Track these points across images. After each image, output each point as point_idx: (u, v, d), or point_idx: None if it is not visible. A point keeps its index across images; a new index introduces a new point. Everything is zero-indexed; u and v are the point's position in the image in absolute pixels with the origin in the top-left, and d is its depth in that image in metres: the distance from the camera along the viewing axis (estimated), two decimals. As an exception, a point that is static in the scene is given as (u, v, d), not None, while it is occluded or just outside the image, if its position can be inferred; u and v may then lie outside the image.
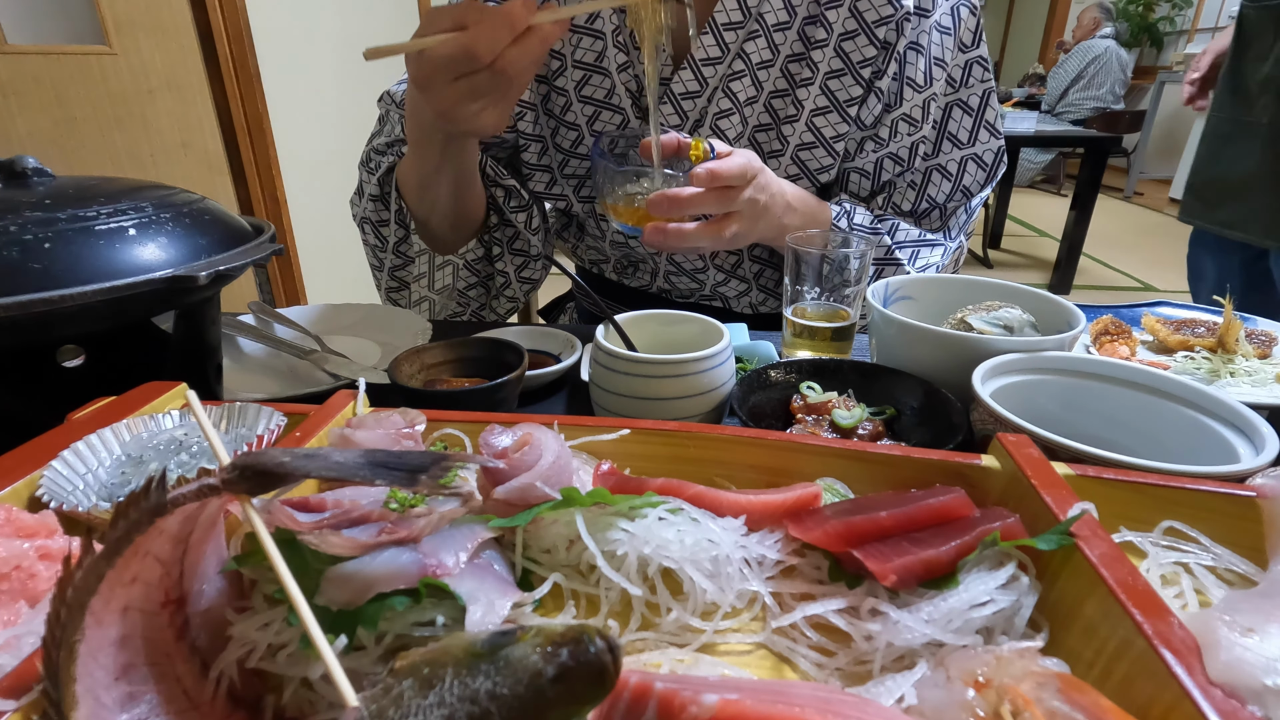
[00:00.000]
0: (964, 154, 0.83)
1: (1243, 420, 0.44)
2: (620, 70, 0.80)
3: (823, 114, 0.79)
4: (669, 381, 0.51)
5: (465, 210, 0.83)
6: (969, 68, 0.80)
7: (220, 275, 0.48)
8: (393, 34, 3.07)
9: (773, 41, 0.77)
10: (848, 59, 0.77)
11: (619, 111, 0.82)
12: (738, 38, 0.77)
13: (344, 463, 0.28)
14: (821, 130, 0.80)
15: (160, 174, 2.05)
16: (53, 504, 0.36)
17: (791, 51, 0.78)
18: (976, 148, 0.83)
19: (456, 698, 0.20)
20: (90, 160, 1.90)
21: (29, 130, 1.79)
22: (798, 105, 0.79)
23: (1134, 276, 3.82)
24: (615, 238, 0.93)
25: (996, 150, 0.83)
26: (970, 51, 0.79)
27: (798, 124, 0.80)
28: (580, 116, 0.84)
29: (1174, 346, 0.69)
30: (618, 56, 0.80)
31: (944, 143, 0.82)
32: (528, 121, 0.85)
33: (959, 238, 0.89)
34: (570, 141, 0.86)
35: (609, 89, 0.82)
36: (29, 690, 0.24)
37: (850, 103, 0.79)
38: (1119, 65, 5.46)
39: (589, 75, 0.82)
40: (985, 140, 0.82)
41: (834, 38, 0.76)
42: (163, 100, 2.01)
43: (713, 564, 0.34)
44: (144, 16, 1.92)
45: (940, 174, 0.84)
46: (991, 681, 0.26)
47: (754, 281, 0.93)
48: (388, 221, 0.85)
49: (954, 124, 0.82)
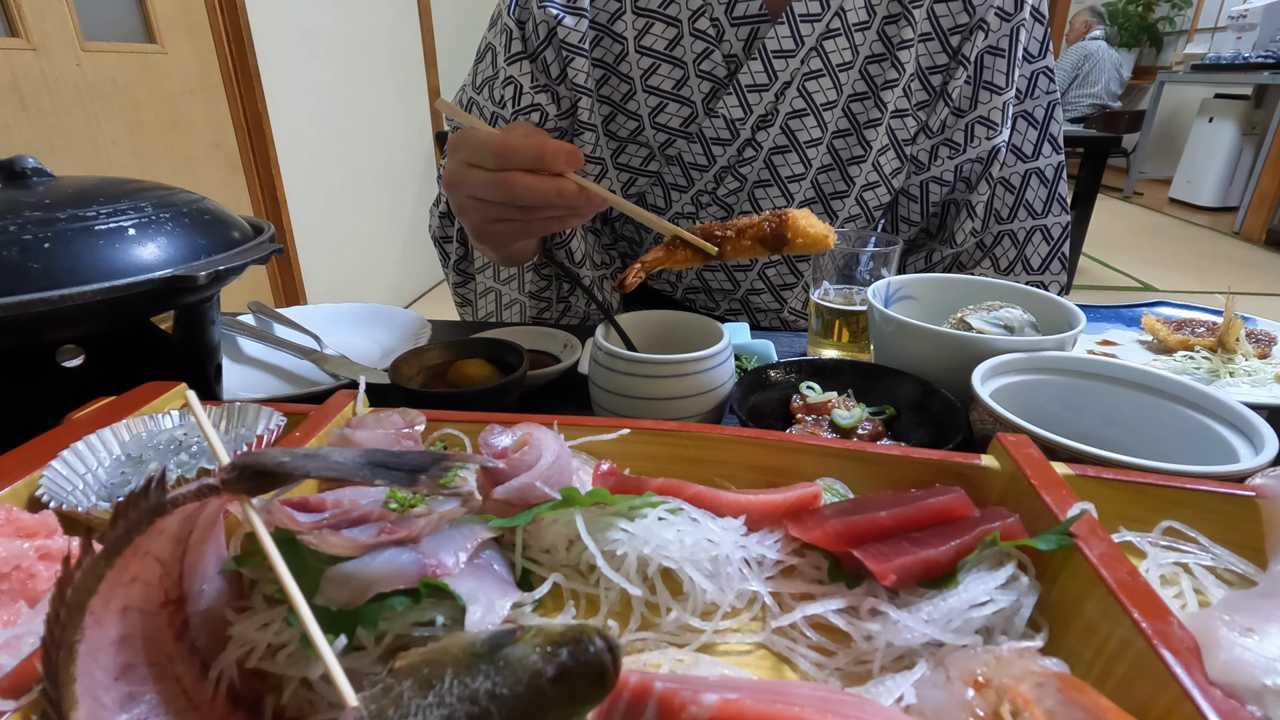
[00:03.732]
0: (1028, 168, 0.80)
1: (1242, 420, 0.44)
2: (699, 60, 0.76)
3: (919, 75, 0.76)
4: (669, 381, 0.51)
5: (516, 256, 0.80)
6: (1035, 78, 0.78)
7: (220, 275, 0.48)
8: (392, 35, 3.08)
9: (871, 4, 0.74)
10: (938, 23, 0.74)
11: (688, 104, 0.79)
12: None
13: (344, 463, 0.28)
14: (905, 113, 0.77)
15: (200, 174, 2.05)
16: (52, 504, 0.36)
17: (887, 12, 0.74)
18: (1039, 161, 0.80)
19: (456, 698, 0.20)
20: (158, 164, 1.90)
21: (113, 136, 1.76)
22: (898, 68, 0.75)
23: (1134, 276, 3.83)
24: (659, 238, 0.91)
25: (1057, 165, 0.81)
26: (1036, 62, 0.77)
27: (895, 89, 0.76)
28: (644, 107, 0.80)
29: (1174, 346, 0.69)
30: (695, 45, 0.76)
31: (1008, 155, 0.80)
32: (584, 108, 0.80)
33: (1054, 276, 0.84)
34: (629, 131, 0.82)
35: (679, 79, 0.78)
36: (28, 690, 0.24)
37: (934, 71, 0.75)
38: (1112, 64, 5.48)
39: (658, 63, 0.77)
40: (1048, 154, 0.80)
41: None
42: (200, 101, 2.02)
43: (712, 564, 0.34)
44: (182, 16, 1.92)
45: (1004, 187, 0.81)
46: (991, 681, 0.26)
47: (784, 298, 0.92)
48: (450, 239, 0.85)
49: (1018, 136, 0.79)
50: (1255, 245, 4.35)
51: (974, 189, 0.81)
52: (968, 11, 0.73)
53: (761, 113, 0.78)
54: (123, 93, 1.76)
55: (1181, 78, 5.18)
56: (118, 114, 1.76)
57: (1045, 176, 0.80)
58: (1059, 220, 0.81)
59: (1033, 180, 0.80)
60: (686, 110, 0.80)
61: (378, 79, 2.95)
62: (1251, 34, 4.68)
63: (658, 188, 0.88)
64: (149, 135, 1.85)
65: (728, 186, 0.85)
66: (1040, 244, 0.82)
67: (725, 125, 0.79)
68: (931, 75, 0.76)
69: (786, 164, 0.82)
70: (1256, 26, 4.64)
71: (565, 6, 0.76)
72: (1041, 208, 0.81)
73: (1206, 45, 5.40)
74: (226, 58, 2.06)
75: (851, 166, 0.82)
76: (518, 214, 0.55)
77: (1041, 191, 0.81)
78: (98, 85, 1.69)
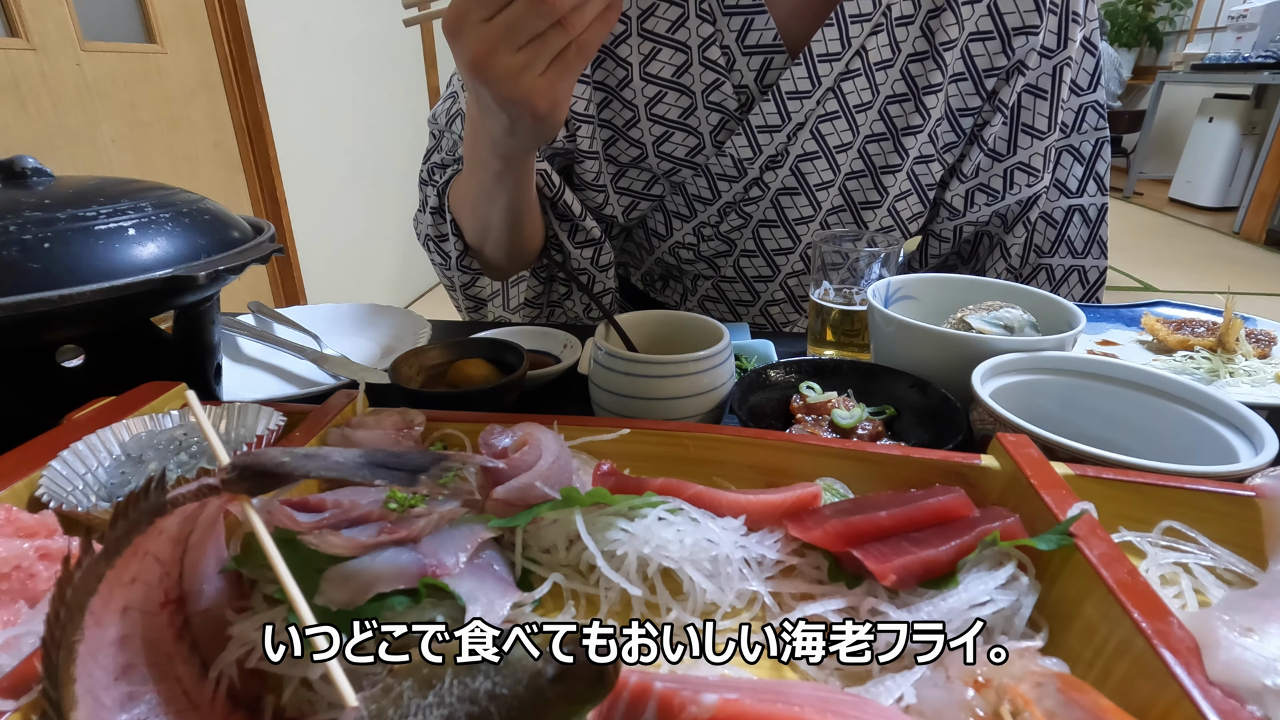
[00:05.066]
0: (1071, 204, 0.77)
1: (1242, 420, 0.44)
2: (708, 91, 0.71)
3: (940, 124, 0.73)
4: (669, 381, 0.51)
5: (520, 240, 0.75)
6: (1083, 112, 0.74)
7: (219, 275, 0.48)
8: (392, 35, 3.08)
9: (894, 39, 0.69)
10: (972, 63, 0.70)
11: (694, 134, 0.74)
12: (862, 31, 0.68)
13: (344, 463, 0.28)
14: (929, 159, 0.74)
15: (200, 174, 2.05)
16: (52, 504, 0.36)
17: (914, 50, 0.70)
18: (1083, 199, 0.77)
19: (456, 698, 0.20)
20: (158, 164, 1.90)
21: (113, 136, 1.76)
22: (923, 114, 0.71)
23: (1134, 276, 3.83)
24: (665, 256, 0.89)
25: (1100, 207, 0.77)
26: (1085, 95, 0.74)
27: (920, 135, 0.72)
28: (647, 135, 0.75)
29: (1174, 346, 0.69)
30: (704, 75, 0.71)
31: (1051, 189, 0.76)
32: (584, 136, 0.76)
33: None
34: (630, 158, 0.78)
35: (686, 108, 0.73)
36: (28, 690, 0.24)
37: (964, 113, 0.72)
38: (1112, 64, 5.49)
39: (664, 91, 0.73)
40: (1093, 193, 0.77)
41: (963, 37, 0.69)
42: (200, 101, 2.01)
43: (712, 564, 0.34)
44: (182, 16, 1.91)
45: (1045, 222, 0.78)
46: (991, 681, 0.26)
47: (804, 309, 0.90)
48: (447, 236, 0.79)
49: (1063, 171, 0.76)
50: (1255, 245, 4.35)
51: (1010, 230, 0.78)
52: (1005, 54, 0.68)
53: (771, 153, 0.75)
54: (123, 93, 1.76)
55: (1181, 78, 5.19)
56: (118, 114, 1.75)
57: (1089, 216, 0.77)
58: (1097, 264, 0.79)
59: (1075, 218, 0.77)
60: (693, 140, 0.76)
61: (378, 79, 2.95)
62: (1251, 34, 4.68)
63: (659, 213, 0.85)
64: (149, 135, 1.85)
65: (730, 223, 0.82)
66: (1075, 285, 0.79)
67: (733, 164, 0.76)
68: (962, 117, 0.72)
69: (795, 206, 0.79)
70: (1256, 26, 4.64)
71: None
72: (1082, 247, 0.78)
73: (1206, 45, 5.40)
74: (226, 58, 2.06)
75: (865, 211, 0.78)
76: (562, 35, 0.46)
77: (1084, 230, 0.78)
78: (98, 85, 1.69)
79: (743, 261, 0.86)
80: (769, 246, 0.84)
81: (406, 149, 3.25)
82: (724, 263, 0.87)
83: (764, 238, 0.83)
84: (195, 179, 2.03)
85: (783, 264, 0.85)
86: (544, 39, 0.47)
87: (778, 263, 0.85)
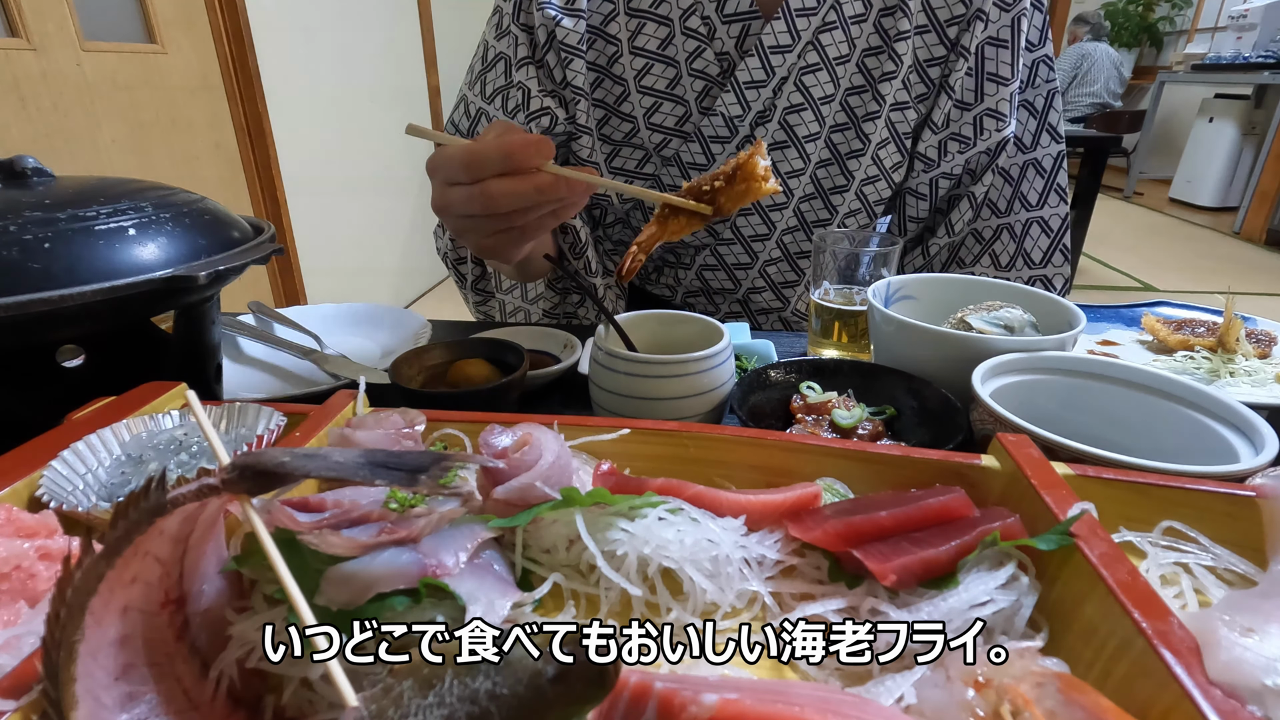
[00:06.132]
0: (1026, 159, 0.79)
1: (1242, 420, 0.44)
2: (691, 59, 0.76)
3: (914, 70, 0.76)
4: (669, 381, 0.51)
5: (531, 274, 0.81)
6: (1035, 67, 0.77)
7: (219, 275, 0.48)
8: (392, 35, 3.08)
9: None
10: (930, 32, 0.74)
11: (681, 103, 0.79)
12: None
13: (344, 463, 0.28)
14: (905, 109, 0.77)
15: (200, 174, 2.05)
16: (53, 504, 0.36)
17: (884, 4, 0.74)
18: (1038, 152, 0.79)
19: (456, 698, 0.20)
20: (158, 164, 1.90)
21: (113, 136, 1.76)
22: (895, 60, 0.75)
23: (1134, 276, 3.83)
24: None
25: (1056, 155, 0.80)
26: (1036, 50, 0.77)
27: (894, 81, 0.76)
28: (638, 108, 0.80)
29: (1174, 346, 0.69)
30: (687, 44, 0.76)
31: (1011, 146, 0.79)
32: (582, 110, 0.80)
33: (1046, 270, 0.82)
34: (623, 134, 0.82)
35: (672, 79, 0.78)
36: (29, 690, 0.24)
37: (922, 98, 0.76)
38: (1112, 63, 5.49)
39: (650, 63, 0.78)
40: (1046, 144, 0.79)
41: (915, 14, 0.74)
42: (200, 101, 2.01)
43: (712, 564, 0.34)
44: (182, 16, 1.91)
45: (1003, 178, 0.80)
46: (991, 681, 0.26)
47: (787, 297, 0.92)
48: (464, 259, 0.83)
49: (1019, 126, 0.79)
50: (1255, 245, 4.35)
51: (978, 180, 0.81)
52: (964, 2, 0.73)
53: (760, 109, 0.78)
54: (123, 93, 1.76)
55: (1181, 78, 5.19)
56: (118, 114, 1.75)
57: (1043, 167, 0.80)
58: (1056, 211, 0.81)
59: (1029, 172, 0.80)
60: (680, 109, 0.80)
61: (378, 79, 2.95)
62: (1251, 34, 4.68)
63: (655, 190, 0.87)
64: (149, 135, 1.85)
65: None
66: (1040, 237, 0.81)
67: (724, 123, 0.80)
68: (930, 68, 0.76)
69: (785, 159, 0.82)
70: (1256, 26, 4.64)
71: (564, 8, 0.76)
72: (1037, 199, 0.80)
73: (1206, 45, 5.40)
74: (226, 58, 2.06)
75: (850, 160, 0.82)
76: (507, 221, 0.51)
77: (1038, 183, 0.80)
78: (98, 85, 1.69)
79: (739, 221, 0.88)
80: (764, 205, 0.86)
81: (406, 149, 3.25)
82: (721, 228, 0.89)
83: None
84: (195, 179, 2.03)
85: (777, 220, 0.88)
86: (489, 220, 0.52)
87: (772, 219, 0.88)
